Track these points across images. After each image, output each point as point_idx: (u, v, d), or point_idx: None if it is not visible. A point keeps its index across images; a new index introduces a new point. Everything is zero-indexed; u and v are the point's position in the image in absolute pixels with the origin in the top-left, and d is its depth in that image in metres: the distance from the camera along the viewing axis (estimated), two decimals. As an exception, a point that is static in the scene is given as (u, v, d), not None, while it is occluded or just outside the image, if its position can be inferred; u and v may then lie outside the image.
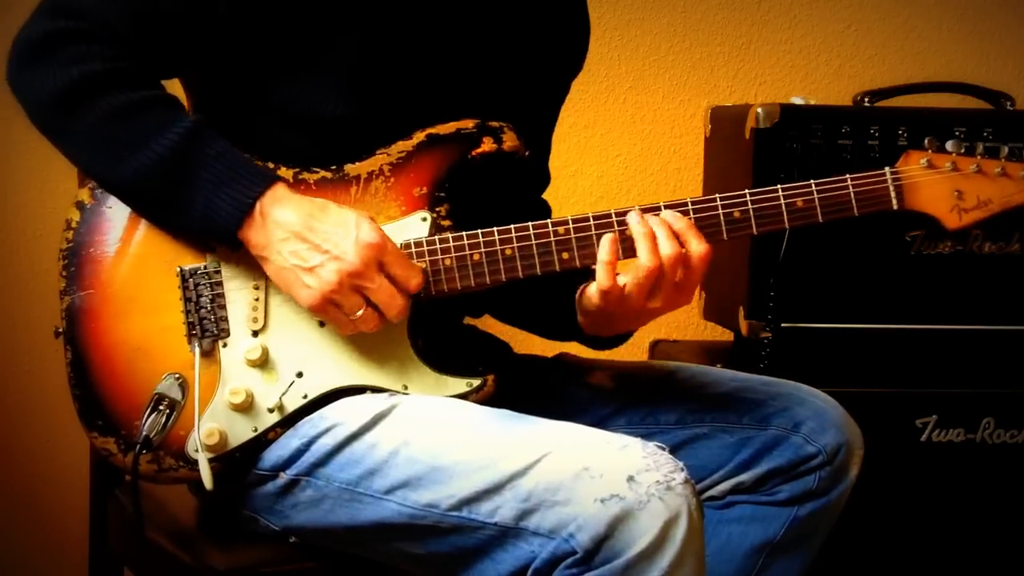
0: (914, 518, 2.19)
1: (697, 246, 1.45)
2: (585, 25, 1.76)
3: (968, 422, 2.18)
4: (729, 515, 1.62)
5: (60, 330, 1.49)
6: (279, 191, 1.44)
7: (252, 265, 1.48)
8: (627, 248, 1.47)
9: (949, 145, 1.51)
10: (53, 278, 1.51)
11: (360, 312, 1.43)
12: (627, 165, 2.69)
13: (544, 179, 1.78)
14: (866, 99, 2.30)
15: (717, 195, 1.49)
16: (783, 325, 2.16)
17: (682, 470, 1.34)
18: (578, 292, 1.58)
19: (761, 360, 2.16)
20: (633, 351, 2.72)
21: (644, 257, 1.45)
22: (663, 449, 1.37)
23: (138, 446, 1.45)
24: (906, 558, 2.20)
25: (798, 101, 2.23)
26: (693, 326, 2.69)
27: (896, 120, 2.16)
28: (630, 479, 1.31)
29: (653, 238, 1.46)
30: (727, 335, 2.45)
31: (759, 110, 2.15)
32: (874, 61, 2.73)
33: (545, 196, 1.80)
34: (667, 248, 1.45)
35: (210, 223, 1.43)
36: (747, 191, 1.49)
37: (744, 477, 1.61)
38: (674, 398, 1.65)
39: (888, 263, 2.17)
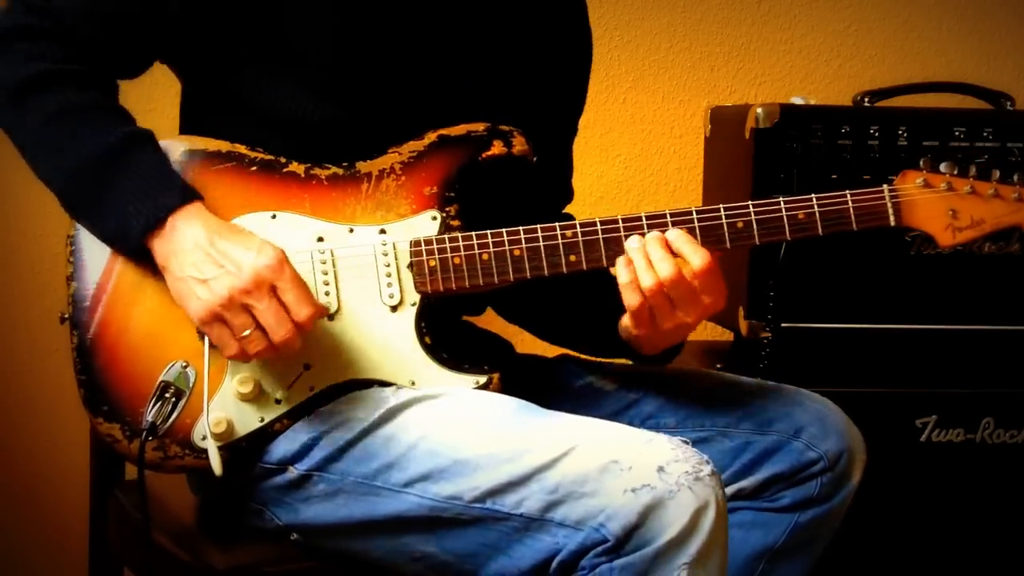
0: (914, 518, 2.19)
1: (698, 262, 1.46)
2: (584, 26, 1.75)
3: (968, 422, 2.18)
4: (730, 521, 1.61)
5: (66, 316, 1.49)
6: (194, 208, 1.44)
7: None
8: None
9: (943, 166, 1.54)
10: (53, 278, 1.52)
11: (247, 332, 1.40)
12: (627, 165, 2.69)
13: (565, 195, 1.78)
14: (866, 99, 2.30)
15: (720, 205, 1.51)
16: (783, 325, 2.16)
17: (708, 462, 1.37)
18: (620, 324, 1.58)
19: (761, 360, 2.16)
20: (633, 351, 2.73)
21: (645, 279, 1.46)
22: (687, 442, 1.39)
23: (144, 433, 1.45)
24: (906, 558, 2.20)
25: (798, 101, 2.23)
26: (693, 326, 2.69)
27: (896, 120, 2.16)
28: (660, 469, 1.34)
29: (647, 259, 1.46)
30: (727, 335, 2.45)
31: (759, 110, 2.15)
32: (874, 61, 2.73)
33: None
34: (664, 270, 1.45)
35: (121, 230, 1.44)
36: (750, 202, 1.51)
37: (745, 483, 1.60)
38: (675, 401, 1.65)
39: (888, 263, 2.17)
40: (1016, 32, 2.74)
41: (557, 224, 1.50)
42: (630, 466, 1.35)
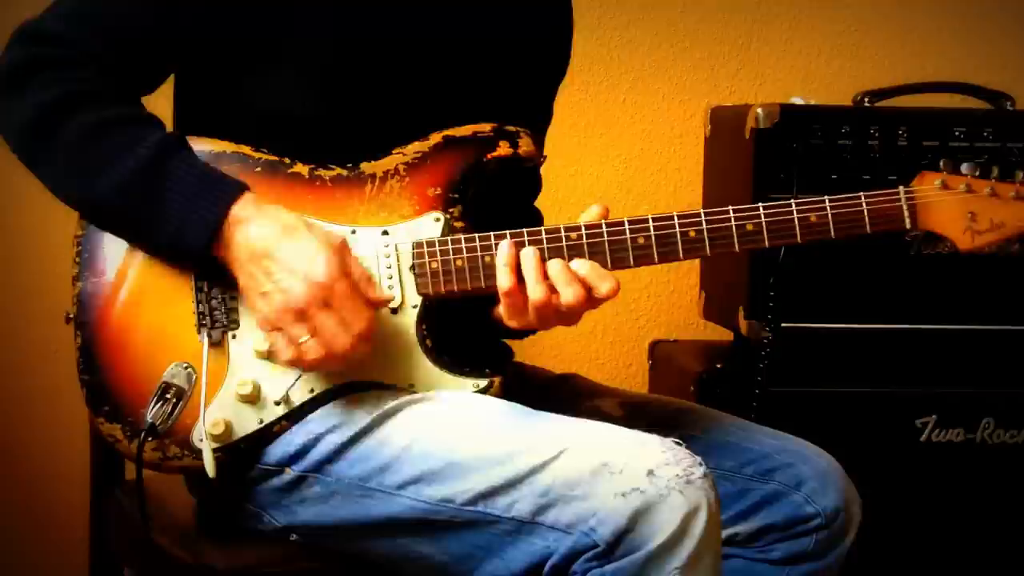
0: (914, 518, 2.19)
1: (606, 288, 1.45)
2: (567, 27, 1.74)
3: (968, 422, 2.18)
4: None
5: (71, 315, 1.50)
6: (245, 208, 1.42)
7: None
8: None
9: (964, 167, 1.49)
10: (53, 278, 1.52)
11: (304, 339, 1.41)
12: (627, 165, 2.69)
13: (536, 186, 1.77)
14: (866, 99, 2.30)
15: (730, 207, 1.48)
16: (783, 325, 2.16)
17: (700, 464, 1.36)
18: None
19: (761, 360, 2.16)
20: (632, 351, 2.73)
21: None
22: (680, 444, 1.38)
23: (143, 433, 1.45)
24: (906, 558, 2.20)
25: (798, 101, 2.23)
26: (693, 326, 2.69)
27: (896, 120, 2.16)
28: (650, 473, 1.33)
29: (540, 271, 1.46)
30: (727, 335, 2.45)
31: (759, 110, 2.15)
32: (874, 61, 2.73)
33: (546, 196, 1.79)
34: (569, 296, 1.45)
35: (181, 241, 1.43)
36: (760, 204, 1.48)
37: (740, 528, 1.57)
38: (680, 438, 1.63)
39: (888, 263, 2.18)
40: (1016, 32, 2.74)
41: (562, 226, 1.49)
42: (621, 469, 1.34)
